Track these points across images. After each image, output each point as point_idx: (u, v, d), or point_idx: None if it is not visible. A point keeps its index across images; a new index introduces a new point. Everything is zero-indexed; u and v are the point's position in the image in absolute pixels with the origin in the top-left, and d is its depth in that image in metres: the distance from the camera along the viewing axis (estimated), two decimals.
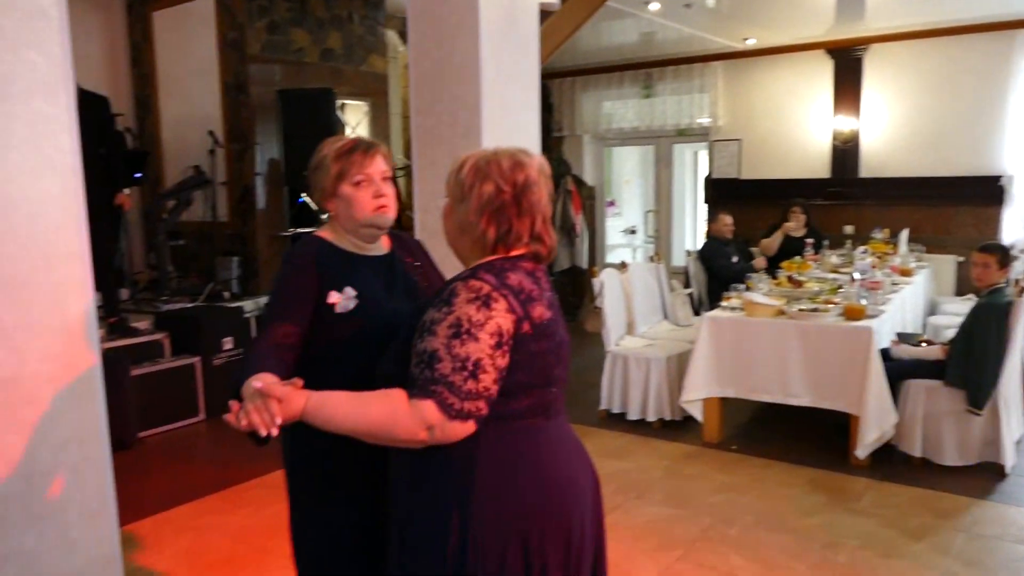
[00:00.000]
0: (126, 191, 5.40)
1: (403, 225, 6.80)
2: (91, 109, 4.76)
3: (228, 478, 4.14)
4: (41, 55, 2.38)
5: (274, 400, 1.48)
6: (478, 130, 4.03)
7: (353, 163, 1.92)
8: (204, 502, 3.87)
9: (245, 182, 6.68)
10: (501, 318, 1.47)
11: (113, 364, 4.34)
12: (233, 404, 1.52)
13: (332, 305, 1.87)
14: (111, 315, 5.07)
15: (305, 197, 6.82)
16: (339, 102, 6.85)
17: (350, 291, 1.88)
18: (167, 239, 6.10)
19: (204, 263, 6.99)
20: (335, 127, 6.43)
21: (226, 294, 6.33)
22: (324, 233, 2.00)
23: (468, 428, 1.47)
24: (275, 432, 1.49)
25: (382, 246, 2.03)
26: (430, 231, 4.30)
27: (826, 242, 6.54)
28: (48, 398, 2.43)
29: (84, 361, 2.52)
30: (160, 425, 4.98)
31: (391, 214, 1.96)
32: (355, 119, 7.59)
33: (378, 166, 1.94)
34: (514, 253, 1.58)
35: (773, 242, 6.44)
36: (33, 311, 2.39)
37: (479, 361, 1.44)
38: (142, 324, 5.37)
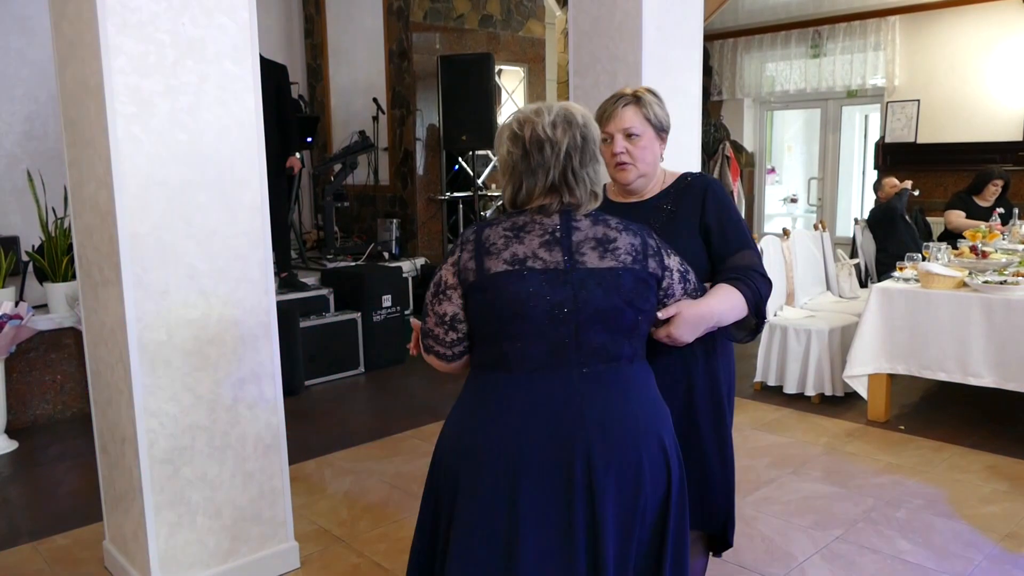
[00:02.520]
0: (297, 155, 5.72)
1: None
2: (272, 76, 5.07)
3: (385, 428, 4.35)
4: (232, 20, 2.54)
5: None
6: None
7: (600, 119, 1.98)
8: (362, 448, 4.08)
9: (406, 147, 6.91)
10: (445, 269, 1.61)
11: (284, 315, 4.64)
12: None
13: None
14: (283, 270, 5.41)
15: (462, 163, 6.97)
16: (497, 68, 6.91)
17: None
18: (333, 201, 6.41)
19: (366, 224, 7.32)
20: (493, 93, 6.51)
21: (386, 254, 6.60)
22: None
23: (435, 362, 1.69)
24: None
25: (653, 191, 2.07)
26: None
27: (1016, 211, 5.95)
28: (230, 339, 2.63)
29: (261, 307, 2.70)
30: (324, 375, 5.30)
31: (628, 175, 1.99)
32: (512, 85, 7.64)
33: (619, 122, 1.96)
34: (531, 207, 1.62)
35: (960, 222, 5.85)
36: (219, 258, 2.58)
37: (425, 305, 1.66)
38: (310, 280, 5.71)
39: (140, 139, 2.39)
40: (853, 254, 6.03)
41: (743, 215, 8.21)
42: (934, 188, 6.58)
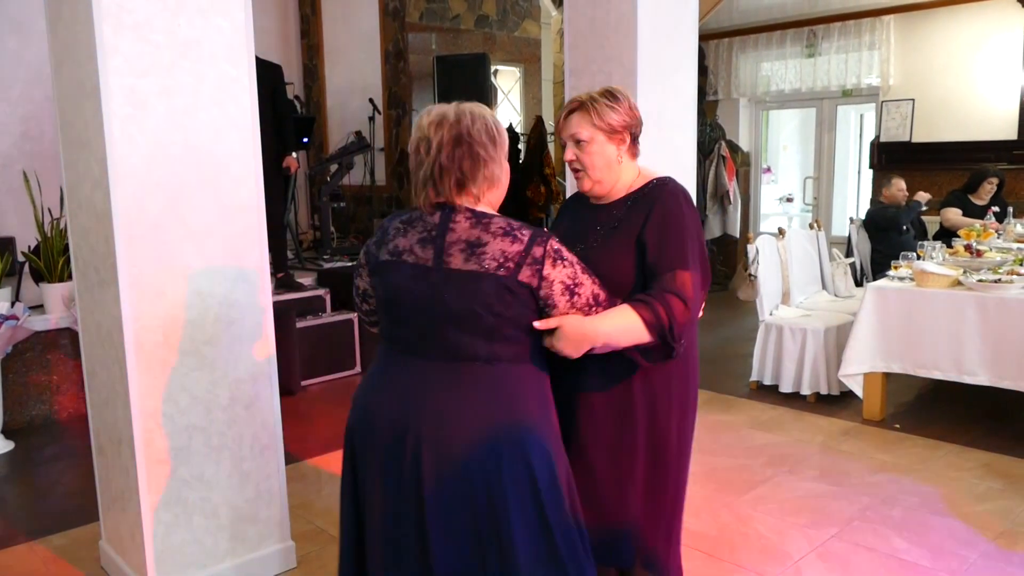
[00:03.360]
0: (293, 155, 5.72)
1: (553, 191, 6.83)
2: (267, 76, 5.06)
3: None
4: (227, 21, 2.54)
5: None
6: (633, 91, 3.95)
7: (557, 128, 2.00)
8: None
9: (402, 147, 6.91)
10: (363, 249, 1.80)
11: (281, 315, 4.64)
12: None
13: None
14: (279, 271, 5.41)
15: None
16: (493, 68, 6.92)
17: None
18: (330, 201, 6.41)
19: (362, 225, 7.32)
20: (489, 93, 6.52)
21: None
22: None
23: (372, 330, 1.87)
24: None
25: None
26: None
27: (1011, 210, 5.97)
28: (227, 339, 2.64)
29: (258, 307, 2.71)
30: (320, 375, 5.30)
31: (582, 183, 1.95)
32: (508, 85, 7.64)
33: (567, 129, 1.93)
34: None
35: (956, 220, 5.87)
36: (216, 259, 2.58)
37: None
38: (306, 280, 5.71)
39: (136, 140, 2.39)
40: (848, 253, 6.05)
41: (738, 214, 8.24)
42: (929, 187, 6.58)
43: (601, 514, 1.91)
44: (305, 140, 6.77)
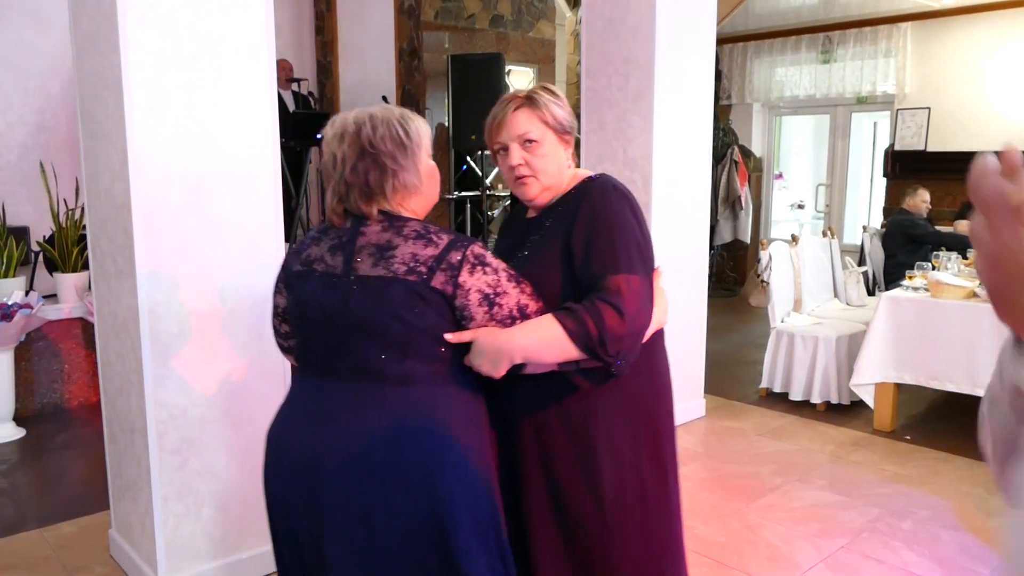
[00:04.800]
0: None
1: None
2: None
3: None
4: (248, 16, 2.55)
5: None
6: (649, 93, 3.95)
7: (491, 129, 1.70)
8: None
9: None
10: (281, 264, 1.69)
11: None
12: None
13: None
14: None
15: (471, 162, 6.98)
16: (507, 68, 6.92)
17: None
18: None
19: None
20: (502, 93, 6.50)
21: None
22: None
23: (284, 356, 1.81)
24: None
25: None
26: None
27: None
28: (241, 332, 2.64)
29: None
30: None
31: (530, 190, 1.68)
32: (521, 85, 7.64)
33: (512, 129, 1.66)
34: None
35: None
36: (232, 251, 2.59)
37: None
38: None
39: (156, 132, 2.39)
40: (861, 262, 6.03)
41: (749, 220, 8.22)
42: (943, 197, 6.57)
43: (583, 567, 1.66)
44: (318, 136, 6.77)
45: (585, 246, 1.56)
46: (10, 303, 3.95)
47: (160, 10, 2.36)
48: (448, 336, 1.47)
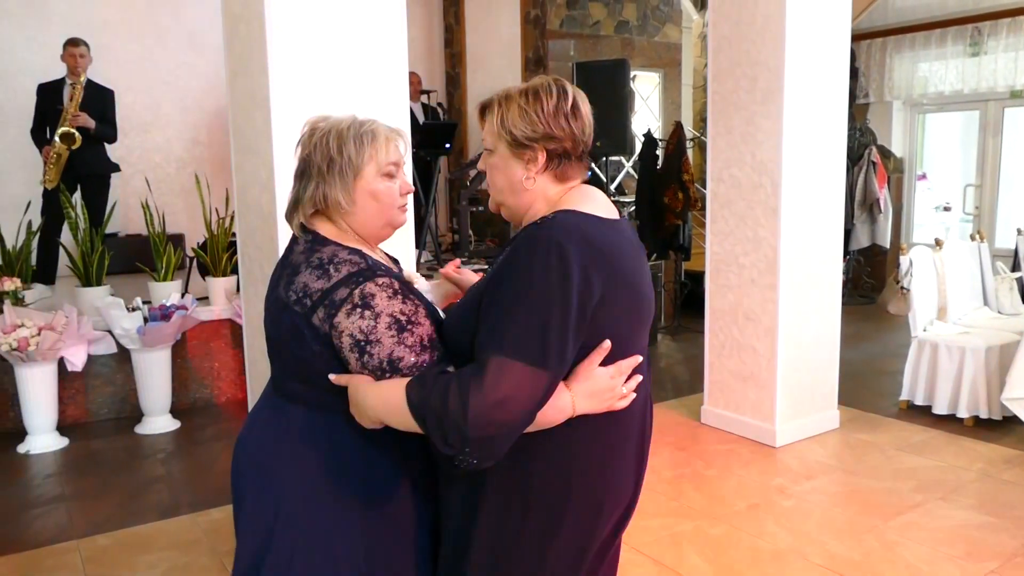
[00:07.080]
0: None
1: (691, 198, 6.71)
2: (98, 99, 5.28)
3: None
4: (386, 38, 2.69)
5: None
6: (779, 94, 3.85)
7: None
8: None
9: None
10: None
11: None
12: None
13: None
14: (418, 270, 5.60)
15: (595, 169, 6.99)
16: (632, 73, 6.90)
17: None
18: (468, 205, 6.58)
19: (499, 228, 7.46)
20: (628, 98, 6.49)
21: None
22: None
23: None
24: None
25: None
26: (721, 201, 4.20)
27: None
28: None
29: None
30: None
31: (491, 202, 1.53)
32: (647, 90, 7.60)
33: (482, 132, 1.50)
34: None
35: None
36: None
37: None
38: None
39: None
40: (1015, 267, 5.61)
41: (889, 224, 7.80)
42: None
43: None
44: (447, 146, 6.99)
45: (486, 306, 1.27)
46: (168, 304, 4.30)
47: (306, 35, 2.52)
48: (331, 376, 1.38)
